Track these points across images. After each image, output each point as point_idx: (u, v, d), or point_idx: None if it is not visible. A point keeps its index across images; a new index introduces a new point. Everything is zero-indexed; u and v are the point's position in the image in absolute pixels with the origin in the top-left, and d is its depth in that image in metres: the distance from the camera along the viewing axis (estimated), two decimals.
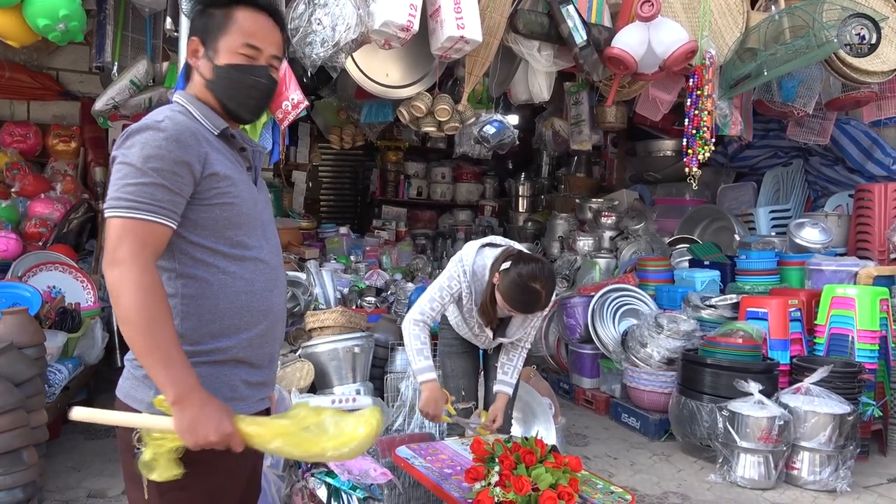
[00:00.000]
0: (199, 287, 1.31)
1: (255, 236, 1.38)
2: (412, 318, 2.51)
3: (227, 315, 1.33)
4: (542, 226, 7.03)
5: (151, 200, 1.22)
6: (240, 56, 1.37)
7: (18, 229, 4.14)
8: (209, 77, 1.38)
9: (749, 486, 3.31)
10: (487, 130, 3.97)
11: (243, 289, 1.35)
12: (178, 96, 1.40)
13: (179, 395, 1.18)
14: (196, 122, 1.35)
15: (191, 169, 1.26)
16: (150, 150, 1.23)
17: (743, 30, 3.88)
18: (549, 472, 1.88)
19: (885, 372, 3.88)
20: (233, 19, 1.37)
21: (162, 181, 1.22)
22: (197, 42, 1.39)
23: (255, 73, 1.39)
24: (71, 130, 4.91)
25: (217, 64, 1.37)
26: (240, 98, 1.39)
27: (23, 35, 3.18)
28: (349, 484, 2.44)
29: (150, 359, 1.19)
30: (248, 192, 1.39)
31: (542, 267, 2.34)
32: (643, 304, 4.67)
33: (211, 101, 1.39)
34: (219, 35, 1.37)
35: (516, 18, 3.48)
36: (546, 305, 2.38)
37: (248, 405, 1.38)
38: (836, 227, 4.81)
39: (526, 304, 2.35)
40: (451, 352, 2.78)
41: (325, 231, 6.15)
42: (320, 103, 5.73)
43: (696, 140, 3.80)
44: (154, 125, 1.25)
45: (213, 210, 1.31)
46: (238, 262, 1.35)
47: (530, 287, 2.29)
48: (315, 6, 2.98)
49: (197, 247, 1.31)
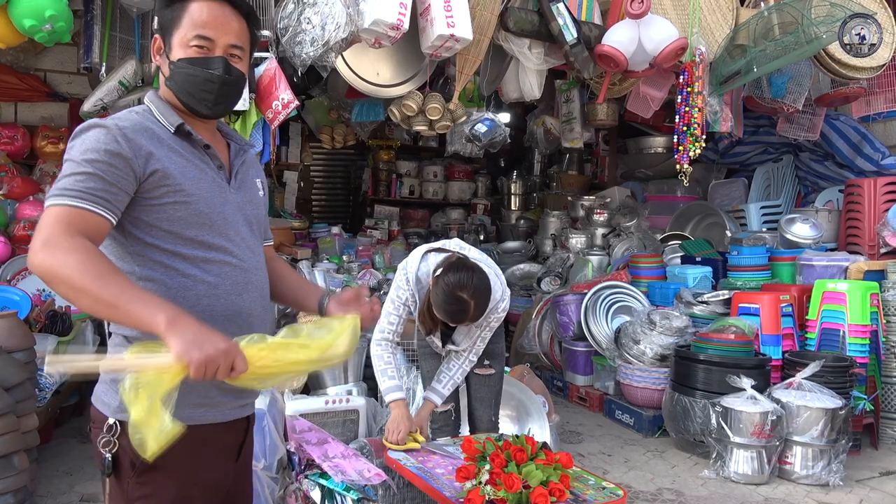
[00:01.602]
0: (158, 291, 1.25)
1: (219, 237, 1.33)
2: (374, 339, 2.50)
3: None
4: (534, 223, 7.03)
5: (83, 189, 1.17)
6: (191, 49, 1.31)
7: (7, 232, 4.11)
8: (167, 74, 1.35)
9: (742, 481, 3.32)
10: (479, 129, 3.97)
11: (205, 292, 1.29)
12: (146, 97, 1.38)
13: (171, 317, 1.07)
14: (153, 121, 1.32)
15: (129, 163, 1.22)
16: (88, 143, 1.21)
17: (732, 26, 3.89)
18: (539, 469, 1.88)
19: (876, 366, 3.90)
20: (186, 11, 1.32)
21: (96, 171, 1.18)
22: (158, 40, 1.36)
23: (209, 66, 1.32)
24: (59, 132, 4.86)
25: (171, 59, 1.33)
26: (195, 92, 1.33)
27: (9, 36, 3.15)
28: (343, 485, 2.43)
29: (121, 306, 1.07)
30: (212, 190, 1.33)
31: (472, 276, 2.24)
32: (636, 300, 4.69)
33: (172, 98, 1.36)
34: (172, 29, 1.33)
35: (507, 16, 3.48)
36: (476, 318, 2.27)
37: (223, 412, 1.34)
38: (827, 223, 4.84)
39: (452, 314, 2.25)
40: (426, 353, 2.77)
41: (317, 231, 6.12)
42: (311, 103, 5.71)
43: (687, 137, 3.81)
44: (98, 123, 1.24)
45: (166, 210, 1.26)
46: (200, 264, 1.30)
47: (457, 296, 2.21)
48: (304, 5, 2.97)
49: (154, 248, 1.27)
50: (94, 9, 3.58)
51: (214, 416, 1.32)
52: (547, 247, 6.45)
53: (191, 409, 1.28)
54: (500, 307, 2.46)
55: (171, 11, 1.33)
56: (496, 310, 2.44)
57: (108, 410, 1.27)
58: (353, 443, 2.84)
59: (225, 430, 1.36)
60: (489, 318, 2.45)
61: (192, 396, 1.28)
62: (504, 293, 2.48)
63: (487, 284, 2.29)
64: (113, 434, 1.25)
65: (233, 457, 1.42)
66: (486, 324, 2.49)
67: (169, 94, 1.36)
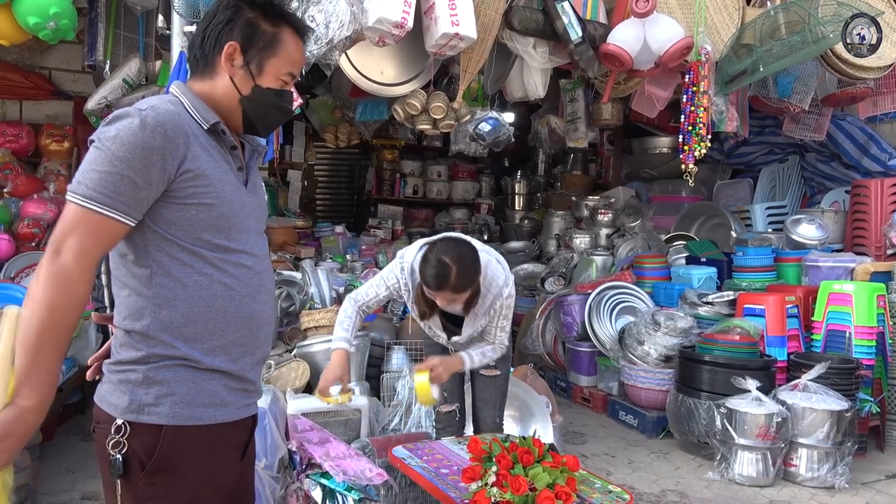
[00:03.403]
0: (174, 287, 1.25)
1: (237, 241, 1.32)
2: (349, 296, 2.51)
3: (201, 319, 1.27)
4: (538, 223, 7.01)
5: (114, 193, 1.16)
6: (280, 81, 1.38)
7: (11, 230, 4.11)
8: (246, 93, 1.35)
9: (747, 484, 3.30)
10: (483, 128, 3.95)
11: (221, 293, 1.29)
12: (174, 87, 1.35)
13: (40, 402, 1.13)
14: (186, 114, 1.30)
15: (164, 162, 1.20)
16: (124, 136, 1.18)
17: (738, 26, 3.87)
18: (546, 471, 1.86)
19: (883, 368, 3.88)
20: (281, 42, 1.36)
21: (129, 173, 1.17)
22: (237, 49, 1.33)
23: (286, 99, 1.41)
24: (64, 130, 4.87)
25: (259, 84, 1.36)
26: (268, 118, 1.41)
27: (13, 34, 3.15)
28: (344, 485, 2.42)
29: (35, 355, 1.12)
30: (234, 193, 1.33)
31: (457, 245, 2.27)
32: (640, 301, 4.67)
33: (216, 99, 1.35)
34: (266, 54, 1.35)
35: (511, 15, 3.47)
36: (459, 286, 2.23)
37: (231, 411, 1.33)
38: (833, 224, 4.81)
39: (435, 279, 2.22)
40: (431, 352, 2.74)
41: (320, 230, 6.11)
42: (315, 102, 5.71)
43: (693, 137, 3.79)
44: (136, 112, 1.20)
45: (189, 210, 1.25)
46: (218, 265, 1.29)
47: (439, 260, 2.21)
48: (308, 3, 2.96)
49: (173, 245, 1.26)
50: (99, 7, 3.59)
51: (224, 415, 1.31)
52: (551, 247, 6.44)
53: (202, 408, 1.28)
54: (505, 293, 2.41)
55: (261, 32, 1.34)
56: (500, 295, 2.41)
57: (115, 411, 1.25)
58: (355, 442, 2.83)
59: (233, 428, 1.35)
60: (495, 304, 2.42)
61: (202, 396, 1.28)
62: (508, 279, 2.43)
63: (474, 255, 2.29)
64: (122, 435, 1.23)
65: (239, 456, 1.42)
66: (492, 311, 2.44)
67: (208, 95, 1.35)
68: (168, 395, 1.25)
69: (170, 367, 1.25)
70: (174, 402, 1.25)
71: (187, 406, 1.26)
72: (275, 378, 3.13)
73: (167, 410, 1.24)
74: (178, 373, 1.26)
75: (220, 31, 1.34)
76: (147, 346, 1.25)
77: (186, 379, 1.26)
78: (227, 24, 1.34)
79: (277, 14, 1.37)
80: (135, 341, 1.26)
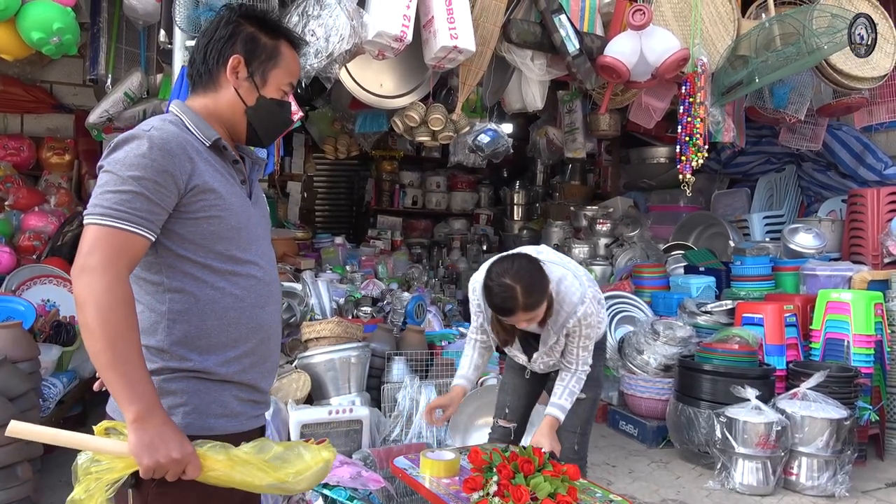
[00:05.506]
0: (187, 302, 1.28)
1: (247, 251, 1.36)
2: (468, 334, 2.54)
3: (214, 331, 1.30)
4: (537, 234, 7.03)
5: (129, 209, 1.19)
6: (280, 92, 1.43)
7: (12, 242, 4.12)
8: (251, 104, 1.40)
9: (747, 493, 3.30)
10: (481, 139, 3.98)
11: (232, 305, 1.32)
12: (173, 106, 1.39)
13: (141, 412, 1.14)
14: (188, 132, 1.33)
15: (174, 180, 1.24)
16: (133, 158, 1.21)
17: (734, 37, 3.91)
18: (547, 481, 1.87)
19: (882, 376, 3.89)
20: (281, 54, 1.42)
21: (142, 190, 1.20)
22: (241, 62, 1.38)
23: (286, 110, 1.46)
24: (65, 143, 4.90)
25: (263, 94, 1.40)
26: (271, 129, 1.46)
27: (17, 48, 3.18)
28: (346, 494, 2.43)
29: (113, 373, 1.14)
30: (240, 205, 1.36)
31: (514, 262, 2.12)
32: (639, 310, 4.68)
33: (214, 113, 1.38)
34: (269, 66, 1.40)
35: (509, 28, 3.50)
36: (528, 306, 2.08)
37: (241, 422, 1.35)
38: (830, 232, 4.83)
39: (501, 303, 2.10)
40: (510, 367, 2.66)
41: (320, 241, 6.13)
42: (314, 114, 5.74)
43: (690, 147, 3.82)
44: (141, 134, 1.24)
45: (200, 224, 1.28)
46: (228, 277, 1.32)
47: (502, 283, 2.07)
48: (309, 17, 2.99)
49: (186, 261, 1.28)
50: (101, 21, 3.62)
51: (234, 426, 1.33)
52: None
53: (213, 419, 1.30)
54: (580, 311, 2.21)
55: (262, 45, 1.39)
56: (574, 314, 2.21)
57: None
58: (357, 453, 2.83)
59: (242, 439, 1.37)
60: (567, 322, 2.23)
61: (213, 407, 1.30)
62: (584, 296, 2.22)
63: (533, 266, 2.13)
64: None
65: None
66: (564, 330, 2.26)
67: (211, 109, 1.38)
68: (181, 405, 1.28)
69: (183, 378, 1.28)
70: (186, 413, 1.28)
71: (199, 416, 1.29)
72: (276, 389, 3.13)
73: (179, 420, 1.26)
74: (191, 384, 1.28)
75: (222, 45, 1.38)
76: (162, 360, 1.28)
77: (199, 390, 1.29)
78: (230, 38, 1.38)
79: (274, 27, 1.43)
80: (150, 354, 1.28)
